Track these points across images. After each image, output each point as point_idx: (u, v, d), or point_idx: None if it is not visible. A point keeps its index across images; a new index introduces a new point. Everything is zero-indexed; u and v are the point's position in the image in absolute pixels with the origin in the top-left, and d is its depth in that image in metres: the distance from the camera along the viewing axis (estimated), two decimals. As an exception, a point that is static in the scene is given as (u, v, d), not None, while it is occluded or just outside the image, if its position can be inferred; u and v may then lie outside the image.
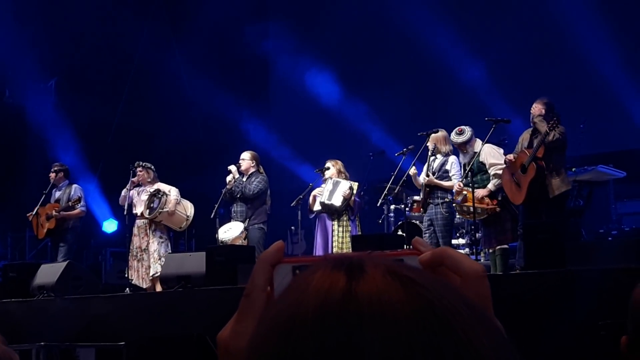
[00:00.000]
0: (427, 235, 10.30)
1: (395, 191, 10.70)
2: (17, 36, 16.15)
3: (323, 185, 11.29)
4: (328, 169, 11.30)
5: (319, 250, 11.04)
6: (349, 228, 10.98)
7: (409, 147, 10.86)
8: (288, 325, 0.80)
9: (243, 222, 11.33)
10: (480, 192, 9.72)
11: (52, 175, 12.56)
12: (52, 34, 16.52)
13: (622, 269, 7.08)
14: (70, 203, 12.15)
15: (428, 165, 10.47)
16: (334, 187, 11.06)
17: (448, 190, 10.32)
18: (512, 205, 9.65)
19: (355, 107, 16.23)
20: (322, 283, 0.81)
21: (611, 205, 13.22)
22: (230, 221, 11.57)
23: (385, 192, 10.71)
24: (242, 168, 11.56)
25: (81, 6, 16.36)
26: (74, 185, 12.58)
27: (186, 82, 16.75)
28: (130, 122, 17.09)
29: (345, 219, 11.03)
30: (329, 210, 11.03)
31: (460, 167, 10.20)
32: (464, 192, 9.67)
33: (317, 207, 11.15)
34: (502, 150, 9.99)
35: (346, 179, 11.18)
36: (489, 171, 9.83)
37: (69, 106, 16.53)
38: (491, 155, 9.89)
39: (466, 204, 9.74)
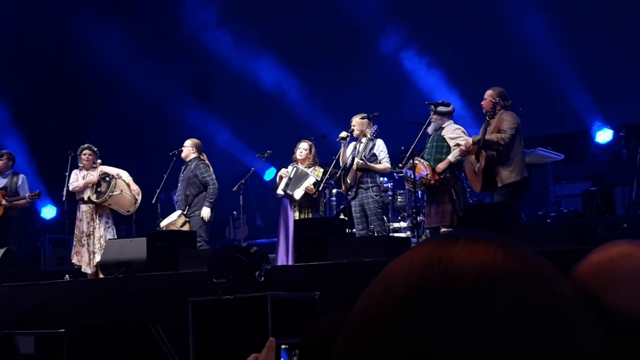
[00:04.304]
0: (358, 221, 10.35)
1: (337, 175, 10.70)
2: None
3: (290, 167, 10.97)
4: (305, 149, 10.97)
5: (280, 237, 10.80)
6: (310, 216, 10.76)
7: (350, 131, 10.85)
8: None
9: (183, 209, 11.30)
10: (440, 166, 9.78)
11: (2, 162, 12.35)
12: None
13: (560, 250, 7.18)
14: (28, 197, 12.04)
15: (354, 149, 10.50)
16: (297, 178, 10.76)
17: (379, 173, 10.44)
18: (454, 189, 9.74)
19: (296, 91, 16.22)
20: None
21: (550, 187, 13.41)
22: (174, 209, 11.58)
23: (327, 176, 10.69)
24: (183, 155, 11.55)
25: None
26: (21, 175, 12.48)
27: (126, 65, 16.52)
28: (68, 106, 16.85)
29: (306, 207, 10.79)
30: (290, 199, 10.84)
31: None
32: (416, 162, 9.71)
33: (280, 189, 10.92)
34: (464, 131, 10.05)
35: (315, 164, 10.95)
36: (450, 143, 9.91)
37: (5, 90, 16.23)
38: (451, 131, 9.98)
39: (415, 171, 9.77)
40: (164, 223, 11.22)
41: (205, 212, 11.17)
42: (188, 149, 11.55)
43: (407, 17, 15.21)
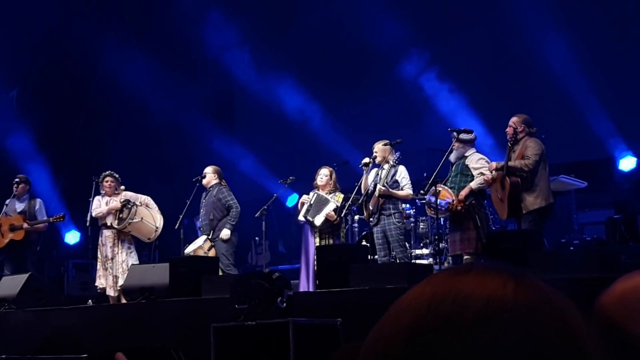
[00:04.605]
0: (380, 247, 10.33)
1: (359, 201, 10.70)
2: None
3: (311, 194, 11.00)
4: (326, 175, 11.00)
5: (302, 263, 10.80)
6: (331, 242, 10.74)
7: (372, 157, 10.85)
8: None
9: (208, 234, 11.35)
10: (462, 192, 9.78)
11: (21, 186, 12.43)
12: (12, 44, 16.36)
13: (583, 278, 7.14)
14: (52, 219, 12.16)
15: (376, 176, 10.50)
16: (317, 205, 10.79)
17: (401, 199, 10.42)
18: (478, 215, 9.72)
19: (319, 117, 16.23)
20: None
21: (573, 215, 13.35)
22: (196, 235, 11.61)
23: (349, 202, 10.70)
24: (205, 181, 11.60)
25: (42, 16, 16.23)
26: (38, 200, 12.56)
27: (149, 92, 16.64)
28: (92, 132, 16.97)
29: (327, 233, 10.78)
30: (311, 225, 10.86)
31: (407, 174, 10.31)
32: (439, 189, 9.70)
33: (301, 215, 10.93)
34: (487, 160, 10.04)
35: (336, 190, 10.98)
36: (474, 173, 9.90)
37: (31, 117, 16.38)
38: (475, 161, 9.98)
39: (438, 198, 9.75)
40: (190, 248, 11.26)
41: (225, 233, 11.21)
42: (210, 176, 11.65)
43: (428, 41, 15.22)
